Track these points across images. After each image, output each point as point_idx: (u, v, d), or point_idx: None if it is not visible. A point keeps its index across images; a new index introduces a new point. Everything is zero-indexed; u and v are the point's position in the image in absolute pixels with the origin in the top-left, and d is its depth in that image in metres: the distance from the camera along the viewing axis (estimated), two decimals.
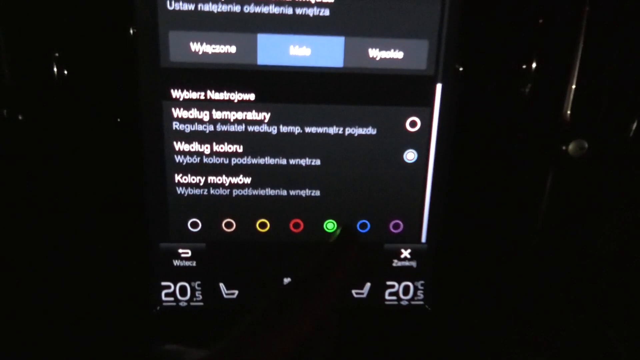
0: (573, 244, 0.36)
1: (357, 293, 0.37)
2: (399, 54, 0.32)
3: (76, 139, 0.32)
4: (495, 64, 0.33)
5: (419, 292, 0.37)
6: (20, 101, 0.31)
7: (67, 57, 0.30)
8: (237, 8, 0.30)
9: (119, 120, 0.32)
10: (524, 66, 0.33)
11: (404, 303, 0.37)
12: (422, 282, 0.37)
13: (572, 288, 0.37)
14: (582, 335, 0.40)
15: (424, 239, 0.36)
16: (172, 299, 0.36)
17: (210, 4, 0.30)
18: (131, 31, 0.30)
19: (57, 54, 0.30)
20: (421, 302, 0.37)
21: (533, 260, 0.36)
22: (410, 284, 0.37)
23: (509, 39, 0.33)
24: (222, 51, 0.31)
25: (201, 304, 0.36)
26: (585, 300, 0.38)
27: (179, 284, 0.36)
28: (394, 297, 0.37)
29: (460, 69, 0.32)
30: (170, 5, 0.30)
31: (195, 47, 0.31)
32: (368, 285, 0.37)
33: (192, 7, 0.30)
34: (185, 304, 0.36)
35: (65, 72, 0.31)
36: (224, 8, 0.30)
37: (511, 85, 0.33)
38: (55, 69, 0.30)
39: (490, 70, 0.33)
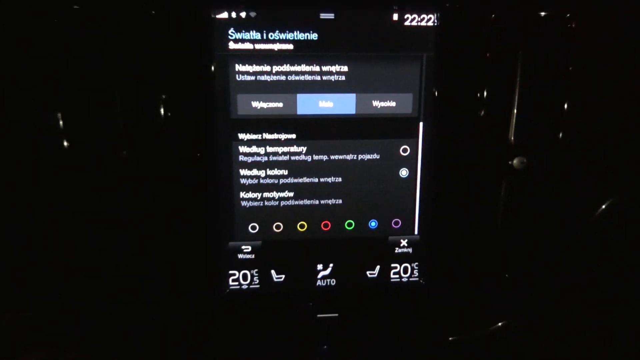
0: (521, 229, 0.50)
1: (370, 273, 0.50)
2: (393, 103, 0.47)
3: (172, 169, 0.46)
4: (458, 108, 0.48)
5: (415, 271, 0.51)
6: (133, 143, 0.45)
7: (168, 113, 0.45)
8: (283, 78, 0.45)
9: (200, 155, 0.45)
10: (479, 110, 0.48)
11: (404, 280, 0.51)
12: (417, 263, 0.51)
13: (525, 263, 0.52)
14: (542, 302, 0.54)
15: (416, 231, 0.50)
16: (237, 283, 0.49)
17: (265, 76, 0.45)
18: (211, 94, 0.45)
19: (162, 112, 0.44)
20: (417, 279, 0.51)
21: (496, 243, 0.50)
22: (408, 265, 0.51)
23: (466, 92, 0.48)
24: (272, 106, 0.46)
25: (258, 286, 0.49)
26: (539, 272, 0.52)
27: (242, 272, 0.49)
28: (397, 275, 0.51)
29: (435, 112, 0.47)
30: (238, 77, 0.45)
31: (255, 104, 0.45)
32: (378, 267, 0.50)
33: (252, 78, 0.45)
34: (246, 287, 0.49)
35: (167, 121, 0.45)
36: (274, 78, 0.45)
37: (470, 122, 0.48)
38: (162, 117, 0.44)
39: (455, 112, 0.48)
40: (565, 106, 0.49)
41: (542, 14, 0.47)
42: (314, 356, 0.51)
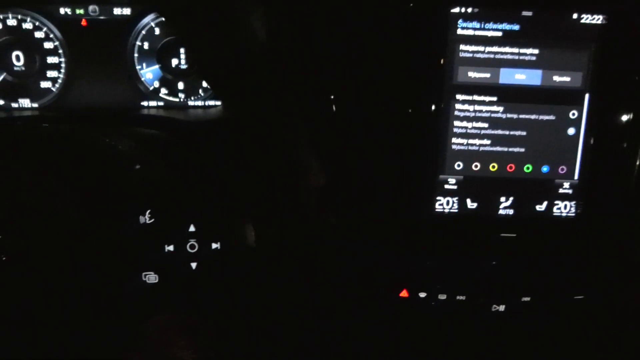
0: None
1: (538, 207, 0.67)
2: (568, 79, 0.64)
3: (409, 121, 0.64)
4: (615, 85, 0.64)
5: (572, 208, 0.67)
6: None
7: (411, 81, 0.63)
8: (491, 56, 0.63)
9: (432, 110, 0.63)
10: (631, 87, 0.64)
11: (564, 214, 0.67)
12: (575, 202, 0.67)
13: None
14: None
15: (576, 177, 0.66)
16: (441, 207, 0.66)
17: (479, 54, 0.63)
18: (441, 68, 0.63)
19: (405, 79, 0.63)
20: (573, 214, 0.67)
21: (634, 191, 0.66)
22: (568, 202, 0.67)
23: (622, 73, 0.64)
24: (482, 76, 0.63)
25: (456, 210, 0.66)
26: None
27: (446, 199, 0.66)
28: (559, 210, 0.67)
29: (598, 86, 0.64)
30: (461, 54, 0.63)
31: (470, 74, 0.63)
32: (545, 202, 0.67)
33: (470, 55, 0.63)
34: (448, 210, 0.66)
35: (411, 86, 0.63)
36: (485, 56, 0.63)
37: (624, 95, 0.64)
38: (406, 83, 0.63)
39: (613, 87, 0.64)
40: None
41: None
42: (490, 268, 0.67)
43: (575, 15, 0.63)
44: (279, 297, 0.67)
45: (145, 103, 0.77)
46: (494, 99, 0.64)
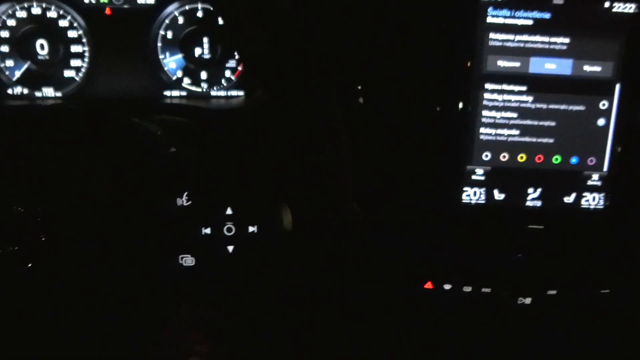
0: None
1: (566, 199, 0.66)
2: (598, 68, 0.63)
3: (436, 110, 0.63)
4: None
5: (601, 200, 0.66)
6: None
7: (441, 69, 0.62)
8: (522, 45, 0.62)
9: (461, 100, 0.63)
10: None
11: (592, 206, 0.66)
12: (604, 194, 0.66)
13: None
14: None
15: (606, 168, 0.65)
16: (468, 198, 0.66)
17: (509, 42, 0.62)
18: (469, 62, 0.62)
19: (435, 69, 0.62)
20: (602, 206, 0.66)
21: None
22: (596, 195, 0.66)
23: None
24: (511, 65, 0.63)
25: (483, 202, 0.66)
26: None
27: (473, 190, 0.65)
28: (587, 202, 0.66)
29: (629, 76, 0.63)
30: (490, 43, 0.62)
31: (499, 63, 0.62)
32: (574, 194, 0.66)
33: (500, 44, 0.62)
34: (475, 201, 0.66)
35: (439, 75, 0.62)
36: (515, 44, 0.62)
37: None
38: (435, 72, 0.62)
39: None
40: None
41: None
42: (517, 260, 0.66)
43: (607, 4, 0.62)
44: (302, 287, 0.67)
45: (167, 93, 0.76)
46: (524, 88, 0.63)
